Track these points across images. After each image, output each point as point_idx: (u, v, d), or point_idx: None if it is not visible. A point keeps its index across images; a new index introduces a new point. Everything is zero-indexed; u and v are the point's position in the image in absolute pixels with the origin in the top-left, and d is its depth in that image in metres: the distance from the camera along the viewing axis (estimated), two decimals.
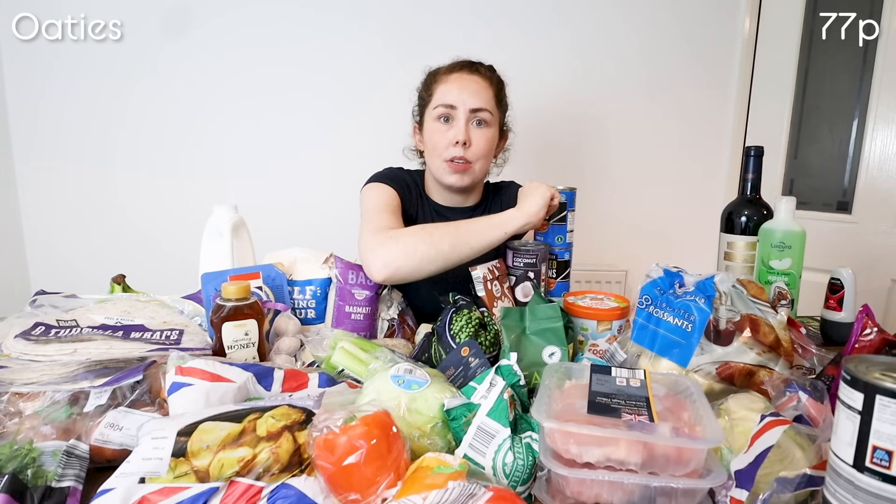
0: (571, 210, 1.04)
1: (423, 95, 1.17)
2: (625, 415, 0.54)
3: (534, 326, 0.81)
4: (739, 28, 1.92)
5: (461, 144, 1.08)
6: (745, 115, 1.96)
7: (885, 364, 0.47)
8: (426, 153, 1.16)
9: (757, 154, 1.11)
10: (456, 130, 1.09)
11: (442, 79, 1.13)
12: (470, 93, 1.09)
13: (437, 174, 1.14)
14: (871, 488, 0.43)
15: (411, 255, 0.94)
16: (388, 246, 0.95)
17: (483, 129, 1.11)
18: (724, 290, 0.77)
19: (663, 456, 0.51)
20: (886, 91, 1.66)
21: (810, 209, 1.84)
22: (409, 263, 0.94)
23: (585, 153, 1.94)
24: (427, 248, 0.94)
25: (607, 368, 0.66)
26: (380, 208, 1.07)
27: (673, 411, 0.57)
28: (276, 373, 0.70)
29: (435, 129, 1.11)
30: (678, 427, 0.53)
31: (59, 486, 0.54)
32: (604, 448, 0.51)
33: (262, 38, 1.72)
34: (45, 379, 0.65)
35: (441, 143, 1.10)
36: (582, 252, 1.23)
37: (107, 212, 1.75)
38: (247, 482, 0.52)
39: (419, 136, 1.20)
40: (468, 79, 1.11)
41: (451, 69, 1.14)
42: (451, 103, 1.09)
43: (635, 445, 0.51)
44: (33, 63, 1.64)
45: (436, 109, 1.11)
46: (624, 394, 0.59)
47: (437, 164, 1.13)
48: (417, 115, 1.21)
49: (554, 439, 0.53)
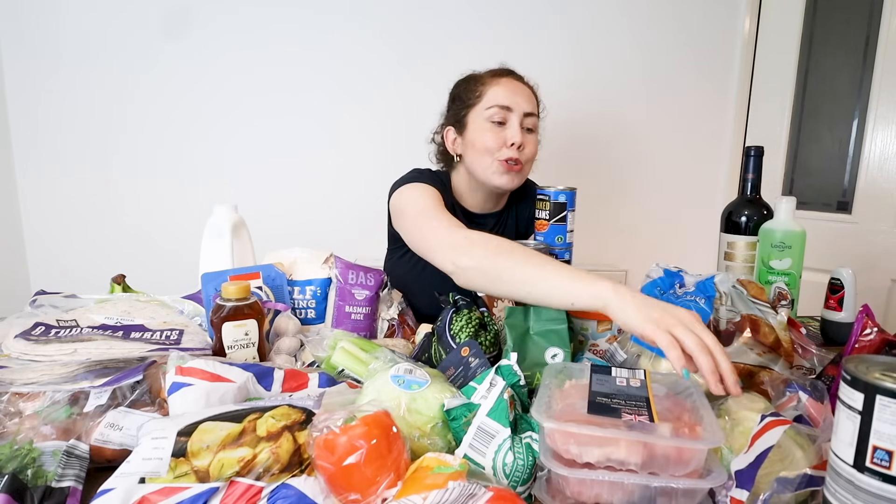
0: (571, 210, 1.04)
1: (464, 97, 1.15)
2: (625, 415, 0.54)
3: (538, 327, 0.81)
4: (739, 28, 1.92)
5: (516, 147, 1.09)
6: (745, 115, 1.96)
7: (885, 364, 0.47)
8: (470, 154, 1.14)
9: (757, 154, 1.11)
10: (512, 131, 1.09)
11: (491, 82, 1.13)
12: (523, 97, 1.11)
13: (485, 175, 1.13)
14: (872, 488, 0.43)
15: (489, 272, 0.83)
16: (473, 252, 0.85)
17: (532, 135, 1.14)
18: (724, 291, 0.78)
19: (663, 456, 0.51)
20: (886, 91, 1.66)
21: (810, 209, 1.84)
22: (481, 279, 0.85)
23: (585, 153, 1.94)
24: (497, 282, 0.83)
25: (607, 368, 0.65)
26: (436, 207, 1.03)
27: (673, 411, 0.57)
28: (276, 373, 0.70)
29: (487, 130, 1.10)
30: (678, 427, 0.53)
31: (59, 486, 0.54)
32: (604, 448, 0.51)
33: (262, 39, 1.72)
34: (45, 379, 0.65)
35: (494, 143, 1.10)
36: (582, 252, 1.23)
37: (107, 212, 1.75)
38: (247, 482, 0.52)
39: (455, 138, 1.18)
40: (517, 84, 1.13)
41: (498, 74, 1.15)
42: (508, 105, 1.10)
43: (635, 446, 0.51)
44: (33, 63, 1.64)
45: (489, 110, 1.10)
46: (624, 394, 0.59)
47: (486, 164, 1.12)
48: (452, 118, 1.18)
49: (554, 439, 0.53)
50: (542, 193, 1.02)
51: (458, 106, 1.17)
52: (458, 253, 0.86)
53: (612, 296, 0.67)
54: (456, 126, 1.17)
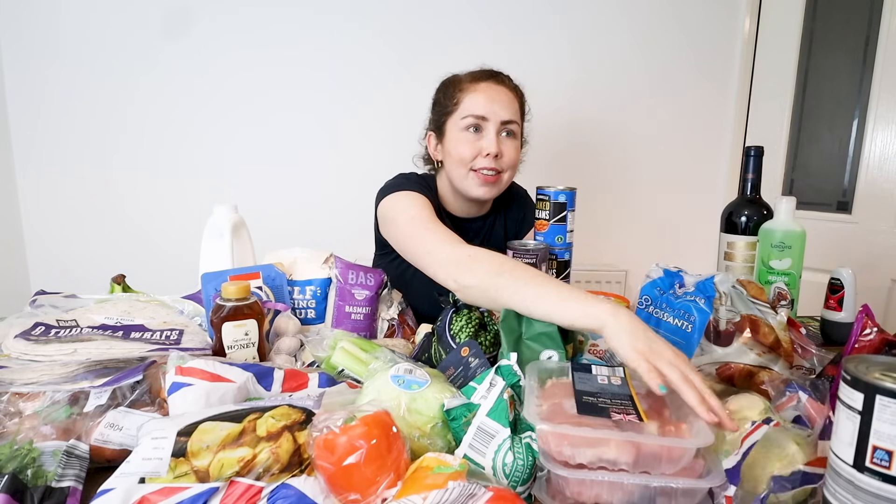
0: (571, 210, 1.04)
1: (443, 103, 1.13)
2: (614, 414, 0.55)
3: (530, 331, 0.81)
4: (739, 28, 1.92)
5: (492, 156, 1.07)
6: (745, 115, 1.96)
7: (885, 364, 0.47)
8: (448, 162, 1.12)
9: (757, 154, 1.11)
10: (488, 141, 1.06)
11: (468, 88, 1.10)
12: (501, 104, 1.08)
13: (462, 185, 1.11)
14: (872, 488, 0.43)
15: (489, 291, 0.82)
16: (476, 270, 0.84)
17: (512, 140, 1.10)
18: (724, 291, 0.78)
19: (653, 454, 0.51)
20: (886, 91, 1.66)
21: (810, 209, 1.84)
22: (483, 298, 0.84)
23: (585, 153, 1.94)
24: (499, 301, 0.81)
25: (587, 366, 0.65)
26: (430, 218, 1.00)
27: (656, 409, 0.58)
28: (276, 373, 0.70)
29: (462, 139, 1.08)
30: (664, 425, 0.53)
31: (59, 486, 0.54)
32: (595, 448, 0.52)
33: (262, 39, 1.72)
34: (45, 379, 0.65)
35: (469, 153, 1.07)
36: (582, 252, 1.23)
37: (107, 212, 1.75)
38: (247, 482, 0.52)
39: (436, 144, 1.16)
40: (496, 89, 1.09)
41: (476, 78, 1.11)
42: (483, 114, 1.07)
43: (625, 445, 0.51)
44: (33, 63, 1.64)
45: (465, 119, 1.08)
46: (608, 392, 0.60)
47: (461, 175, 1.10)
48: (433, 124, 1.16)
49: (547, 441, 0.53)
50: (542, 193, 1.02)
51: (438, 112, 1.14)
52: (461, 271, 0.84)
53: (610, 319, 0.68)
54: (437, 132, 1.15)
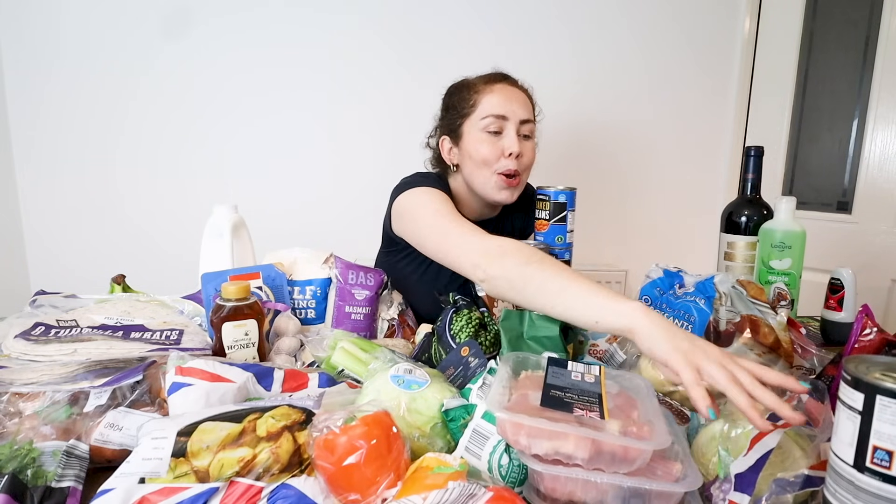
0: (571, 210, 1.04)
1: (458, 106, 1.12)
2: (577, 410, 0.55)
3: (531, 332, 0.81)
4: (739, 28, 1.92)
5: (514, 156, 1.06)
6: (745, 115, 1.96)
7: (885, 364, 0.47)
8: (467, 165, 1.11)
9: (757, 154, 1.11)
10: (509, 140, 1.06)
11: (484, 89, 1.09)
12: (518, 104, 1.08)
13: (484, 189, 1.10)
14: (872, 488, 0.43)
15: (516, 282, 0.80)
16: (505, 260, 0.82)
17: (529, 142, 1.11)
18: (723, 291, 0.78)
19: (609, 453, 0.51)
20: (886, 91, 1.66)
21: (810, 209, 1.84)
22: (509, 289, 0.82)
23: (585, 153, 1.94)
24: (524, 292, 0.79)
25: (564, 362, 0.65)
26: (455, 212, 1.00)
27: (623, 409, 0.58)
28: (276, 373, 0.70)
29: (483, 140, 1.07)
30: (627, 425, 0.53)
31: (59, 487, 0.54)
32: (553, 441, 0.51)
33: (261, 39, 1.72)
34: (45, 379, 0.65)
35: (492, 155, 1.07)
36: (582, 252, 1.23)
37: (107, 212, 1.75)
38: (247, 482, 0.52)
39: (451, 147, 1.15)
40: (511, 90, 1.09)
41: (490, 80, 1.11)
42: (503, 114, 1.06)
43: (583, 441, 0.51)
44: (33, 63, 1.64)
45: (484, 120, 1.07)
46: (578, 388, 0.59)
47: (485, 178, 1.09)
48: (447, 128, 1.15)
49: (505, 430, 0.54)
50: (542, 193, 1.02)
51: (453, 115, 1.13)
52: (490, 260, 0.82)
53: (642, 318, 0.62)
54: (451, 136, 1.14)
